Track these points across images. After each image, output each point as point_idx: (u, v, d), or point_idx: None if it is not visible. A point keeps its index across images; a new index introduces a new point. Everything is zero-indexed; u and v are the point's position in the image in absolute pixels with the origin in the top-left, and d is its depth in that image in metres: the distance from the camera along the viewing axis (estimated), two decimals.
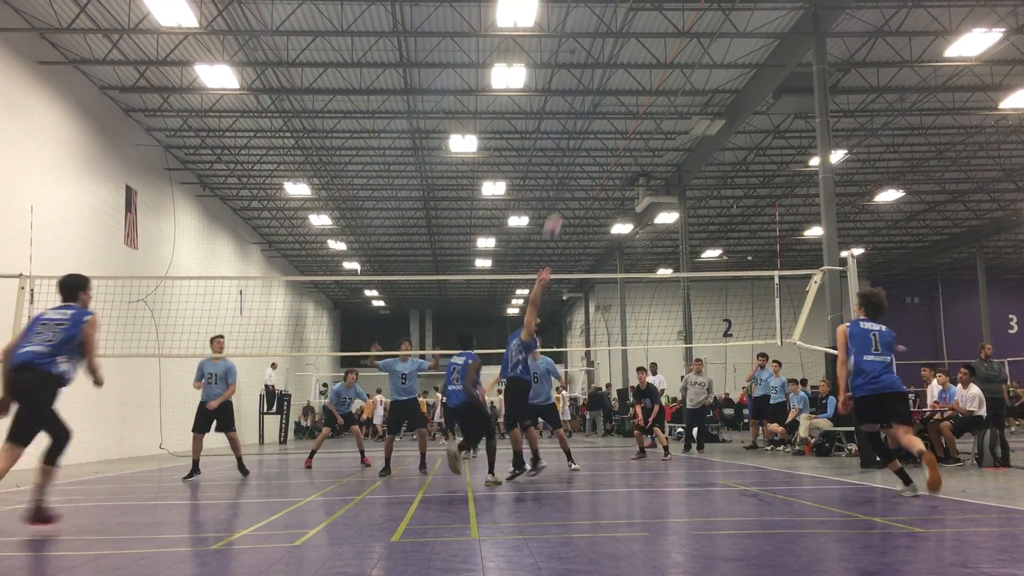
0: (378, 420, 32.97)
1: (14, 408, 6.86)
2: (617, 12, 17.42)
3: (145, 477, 13.79)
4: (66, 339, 6.95)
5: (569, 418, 32.64)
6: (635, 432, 15.87)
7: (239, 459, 13.06)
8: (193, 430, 12.75)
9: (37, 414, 6.85)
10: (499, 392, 25.49)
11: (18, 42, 16.48)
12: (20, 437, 6.84)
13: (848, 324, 8.47)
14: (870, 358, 8.16)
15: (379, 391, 33.61)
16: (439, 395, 32.32)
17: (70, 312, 7.14)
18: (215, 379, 12.78)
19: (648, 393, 15.47)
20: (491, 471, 10.51)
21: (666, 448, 15.01)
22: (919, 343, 40.86)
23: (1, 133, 15.89)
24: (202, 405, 12.69)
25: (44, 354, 6.85)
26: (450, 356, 11.24)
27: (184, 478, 12.42)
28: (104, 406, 18.84)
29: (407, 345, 13.67)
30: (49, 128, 17.71)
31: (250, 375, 30.27)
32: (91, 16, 16.78)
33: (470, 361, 10.58)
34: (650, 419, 15.41)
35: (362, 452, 15.54)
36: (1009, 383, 23.18)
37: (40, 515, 6.90)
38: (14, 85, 16.37)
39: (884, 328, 8.41)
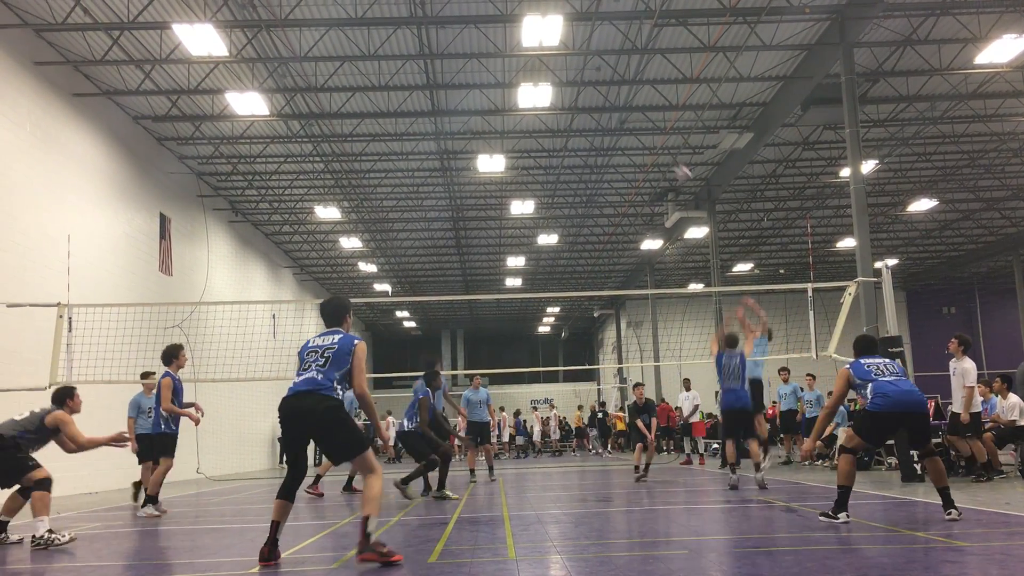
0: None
1: None
2: (642, 29, 17.44)
3: (183, 502, 13.88)
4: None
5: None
6: (639, 446, 15.27)
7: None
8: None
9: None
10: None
11: (53, 76, 16.83)
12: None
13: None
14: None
15: (389, 413, 33.50)
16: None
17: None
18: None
19: (646, 409, 15.23)
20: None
21: (646, 467, 14.74)
22: None
23: (38, 164, 16.21)
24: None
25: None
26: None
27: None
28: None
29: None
30: (84, 158, 18.03)
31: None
32: (124, 48, 17.10)
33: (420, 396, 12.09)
34: (652, 433, 15.10)
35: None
36: None
37: None
38: (50, 118, 16.70)
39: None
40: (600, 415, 33.27)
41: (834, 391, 8.04)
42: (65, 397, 8.78)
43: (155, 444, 11.12)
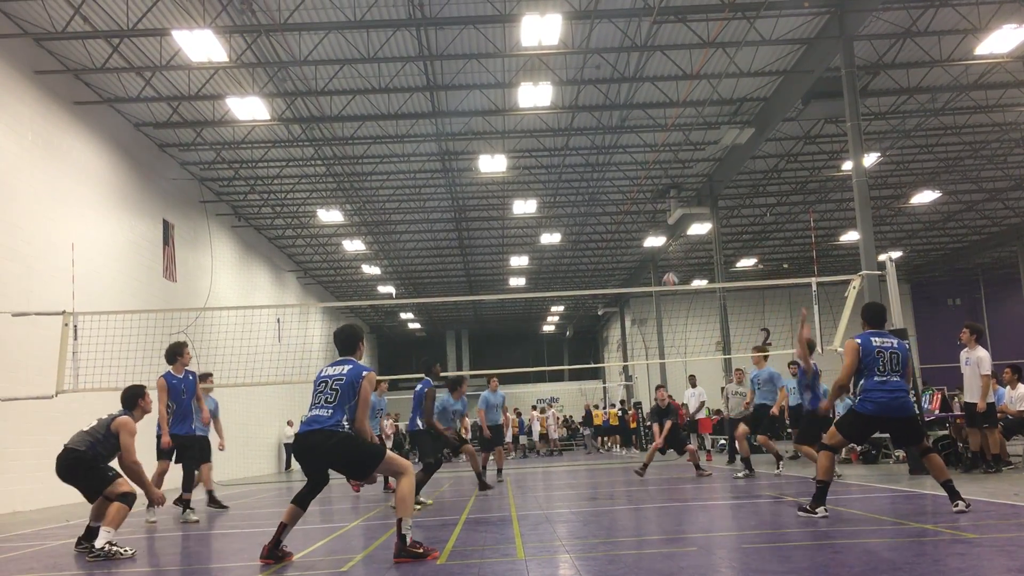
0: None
1: None
2: (641, 26, 17.42)
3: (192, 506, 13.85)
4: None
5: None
6: (653, 446, 15.37)
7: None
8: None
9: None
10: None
11: (54, 84, 16.86)
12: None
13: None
14: None
15: (390, 415, 33.36)
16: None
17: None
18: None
19: (667, 412, 15.18)
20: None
21: (698, 469, 14.75)
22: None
23: (40, 173, 16.23)
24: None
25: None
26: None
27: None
28: (149, 436, 19.03)
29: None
30: (87, 167, 18.05)
31: (277, 397, 30.47)
32: (124, 56, 17.12)
33: (426, 389, 11.55)
34: (663, 437, 15.07)
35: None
36: None
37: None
38: (51, 126, 16.73)
39: None
40: (619, 413, 33.26)
41: (845, 364, 7.62)
42: (136, 398, 8.01)
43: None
